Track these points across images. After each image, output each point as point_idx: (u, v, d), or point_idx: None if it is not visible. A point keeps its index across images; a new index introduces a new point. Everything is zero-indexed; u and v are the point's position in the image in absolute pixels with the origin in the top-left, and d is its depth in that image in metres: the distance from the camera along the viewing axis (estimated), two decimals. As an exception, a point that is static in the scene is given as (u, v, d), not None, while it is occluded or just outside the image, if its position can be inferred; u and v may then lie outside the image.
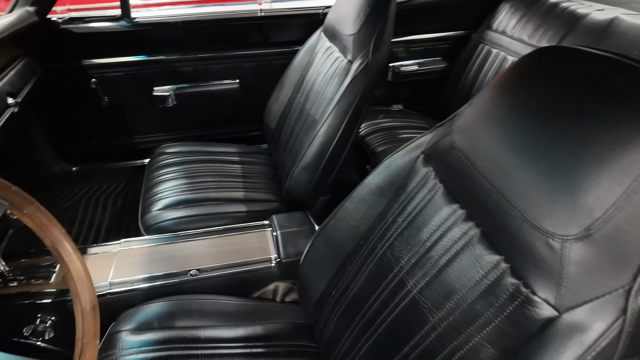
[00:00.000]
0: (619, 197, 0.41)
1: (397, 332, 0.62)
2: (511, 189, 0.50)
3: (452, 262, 0.57)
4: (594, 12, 1.30)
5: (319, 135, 1.16)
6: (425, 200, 0.66)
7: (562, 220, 0.44)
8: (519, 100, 0.54)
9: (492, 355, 0.49)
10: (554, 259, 0.44)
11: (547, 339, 0.43)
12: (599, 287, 0.42)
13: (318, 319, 0.86)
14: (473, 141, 0.58)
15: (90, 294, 0.65)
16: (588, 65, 0.48)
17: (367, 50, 1.13)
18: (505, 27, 1.56)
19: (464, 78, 1.69)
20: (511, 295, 0.48)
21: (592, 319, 0.41)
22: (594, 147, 0.44)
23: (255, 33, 1.61)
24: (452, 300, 0.55)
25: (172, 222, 1.22)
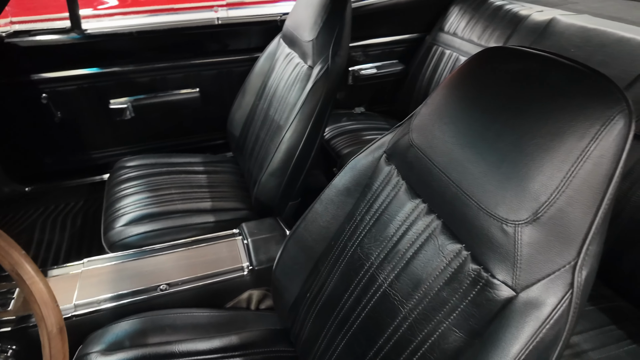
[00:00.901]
0: (560, 182, 0.45)
1: (371, 327, 0.64)
2: (466, 181, 0.53)
3: (417, 254, 0.60)
4: (534, 13, 1.39)
5: (285, 141, 1.17)
6: (389, 197, 0.68)
7: (513, 207, 0.48)
8: (467, 97, 0.58)
9: (459, 339, 0.52)
10: (508, 243, 0.48)
11: (508, 318, 0.47)
12: (549, 265, 0.45)
13: (294, 322, 0.87)
14: (429, 138, 0.61)
15: (56, 316, 0.62)
16: (526, 63, 0.53)
17: (327, 55, 1.15)
18: (456, 29, 1.64)
19: (421, 79, 1.76)
20: (473, 280, 0.51)
21: (545, 295, 0.45)
22: (535, 138, 0.48)
23: (213, 41, 1.60)
24: (420, 290, 0.57)
25: (137, 238, 1.19)
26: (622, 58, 1.09)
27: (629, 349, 0.87)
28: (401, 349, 0.58)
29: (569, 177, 0.45)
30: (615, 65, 1.09)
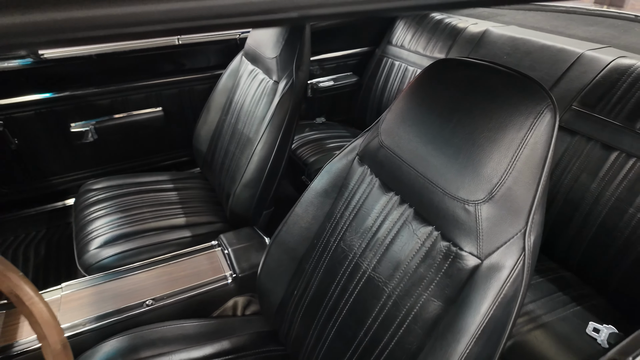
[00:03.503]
0: (507, 166, 0.55)
1: (359, 310, 0.71)
2: (431, 172, 0.63)
3: (395, 239, 0.68)
4: (470, 25, 1.57)
5: (257, 152, 1.23)
6: (365, 193, 0.77)
7: (472, 189, 0.58)
8: (425, 103, 0.68)
9: (438, 306, 0.61)
10: (470, 220, 0.58)
11: (476, 282, 0.56)
12: (505, 234, 0.56)
13: (282, 322, 0.93)
14: (396, 139, 0.70)
15: (59, 333, 0.64)
16: (471, 71, 0.64)
17: (291, 70, 1.23)
18: (403, 42, 1.79)
19: (374, 89, 1.89)
20: (445, 255, 0.61)
21: (504, 259, 0.55)
22: (484, 132, 0.58)
23: (173, 61, 1.63)
24: (400, 270, 0.66)
25: (113, 259, 1.19)
26: (545, 62, 1.27)
27: (574, 311, 1.01)
28: (388, 325, 0.66)
29: (513, 162, 0.55)
30: (540, 69, 1.27)
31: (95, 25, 0.19)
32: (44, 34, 0.18)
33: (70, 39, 0.18)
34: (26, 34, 0.18)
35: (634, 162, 1.01)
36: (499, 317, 0.54)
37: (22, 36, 0.17)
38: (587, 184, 1.08)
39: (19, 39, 0.17)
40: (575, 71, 1.18)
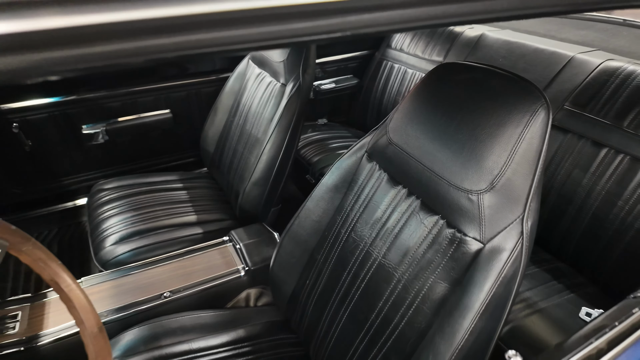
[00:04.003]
0: (506, 159, 0.62)
1: (370, 294, 0.77)
2: (437, 166, 0.69)
3: (403, 228, 0.74)
4: (467, 29, 1.64)
5: (266, 152, 1.29)
6: (374, 187, 0.83)
7: (475, 180, 0.64)
8: (431, 103, 0.74)
9: (445, 288, 0.67)
10: (474, 208, 0.64)
11: (479, 263, 0.62)
12: (505, 220, 0.62)
13: (294, 311, 0.98)
14: (404, 136, 0.76)
15: (95, 317, 0.69)
16: (472, 74, 0.70)
17: (298, 73, 1.29)
18: (402, 45, 1.86)
19: (374, 91, 1.96)
20: (450, 241, 0.67)
21: (504, 242, 0.61)
22: (485, 129, 0.64)
23: (182, 64, 1.68)
24: (409, 256, 0.72)
25: (129, 254, 1.24)
26: (538, 65, 1.34)
27: (568, 298, 1.07)
28: (398, 306, 0.72)
29: (512, 155, 0.61)
30: (534, 71, 1.34)
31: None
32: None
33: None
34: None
35: (622, 158, 1.08)
36: (501, 294, 0.60)
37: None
38: (579, 179, 1.15)
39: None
40: (567, 73, 1.25)
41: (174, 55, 0.25)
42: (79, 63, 0.19)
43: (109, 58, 0.20)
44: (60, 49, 0.18)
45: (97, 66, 0.21)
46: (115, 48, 0.20)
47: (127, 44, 0.20)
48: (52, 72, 0.19)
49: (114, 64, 0.21)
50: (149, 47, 0.22)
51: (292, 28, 0.29)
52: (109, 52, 0.20)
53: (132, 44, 0.21)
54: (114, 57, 0.20)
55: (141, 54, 0.21)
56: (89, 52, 0.19)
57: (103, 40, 0.20)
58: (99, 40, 0.19)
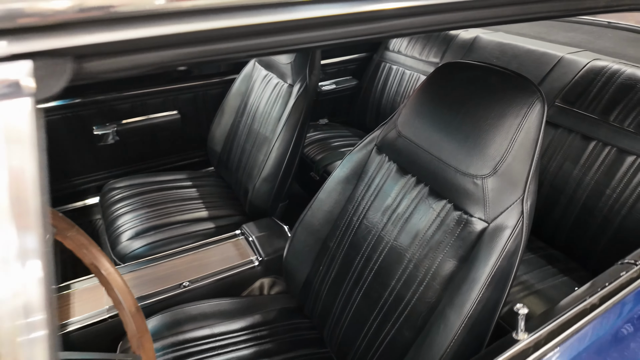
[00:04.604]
0: (507, 147, 0.69)
1: (383, 274, 0.84)
2: (444, 155, 0.76)
3: (413, 213, 0.81)
4: (462, 32, 1.72)
5: (275, 149, 1.35)
6: (384, 177, 0.90)
7: (479, 166, 0.71)
8: (436, 98, 0.82)
9: (453, 264, 0.74)
10: (479, 191, 0.71)
11: (484, 241, 0.70)
12: (507, 201, 0.69)
13: (308, 296, 1.04)
14: (413, 129, 0.84)
15: (132, 298, 0.75)
16: (473, 72, 0.78)
17: (304, 74, 1.36)
18: (399, 47, 1.94)
19: (373, 91, 2.03)
20: (457, 222, 0.74)
21: (506, 221, 0.69)
22: (487, 120, 0.72)
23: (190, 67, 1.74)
24: (419, 238, 0.79)
25: (146, 248, 1.29)
26: (530, 65, 1.43)
27: (562, 280, 1.15)
28: (410, 284, 0.79)
29: (512, 143, 0.69)
30: (526, 71, 1.42)
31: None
32: None
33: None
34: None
35: (609, 150, 1.16)
36: (504, 267, 0.67)
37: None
38: (569, 171, 1.24)
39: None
40: (557, 72, 1.34)
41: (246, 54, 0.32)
42: (206, 57, 0.26)
43: (224, 53, 0.27)
44: (196, 47, 0.24)
45: (214, 60, 0.27)
46: (229, 46, 0.27)
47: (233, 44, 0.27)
48: (185, 63, 0.25)
49: (224, 59, 0.28)
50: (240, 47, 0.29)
51: (315, 35, 0.35)
52: (225, 49, 0.27)
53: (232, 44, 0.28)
54: (225, 52, 0.27)
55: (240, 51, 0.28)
56: (212, 49, 0.26)
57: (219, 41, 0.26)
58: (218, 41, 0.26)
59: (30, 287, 0.23)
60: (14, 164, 0.22)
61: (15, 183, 0.23)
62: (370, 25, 0.37)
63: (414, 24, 0.40)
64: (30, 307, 0.23)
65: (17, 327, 0.22)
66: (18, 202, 0.22)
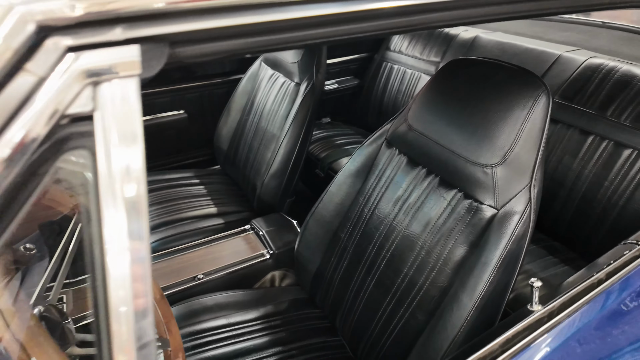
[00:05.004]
0: (515, 137, 0.73)
1: (396, 262, 0.88)
2: (455, 146, 0.80)
3: (425, 203, 0.85)
4: (462, 32, 1.77)
5: (283, 146, 1.39)
6: (395, 170, 0.94)
7: (488, 156, 0.75)
8: (446, 92, 0.86)
9: (464, 250, 0.78)
10: (488, 179, 0.75)
11: (494, 226, 0.74)
12: (515, 188, 0.73)
13: (319, 287, 1.08)
14: (423, 122, 0.88)
15: (157, 286, 0.78)
16: (481, 67, 0.82)
17: (311, 73, 1.40)
18: (400, 47, 1.99)
19: (375, 90, 2.07)
20: (468, 209, 0.78)
21: (515, 207, 0.73)
22: (496, 112, 0.76)
23: (197, 67, 1.77)
24: (430, 226, 0.83)
25: (158, 244, 1.32)
26: (529, 63, 1.47)
27: (563, 269, 1.20)
28: (422, 269, 0.82)
29: (519, 133, 0.73)
30: (525, 69, 1.47)
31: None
32: None
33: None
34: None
35: (606, 144, 1.21)
36: (514, 250, 0.71)
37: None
38: (569, 164, 1.28)
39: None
40: (556, 69, 1.39)
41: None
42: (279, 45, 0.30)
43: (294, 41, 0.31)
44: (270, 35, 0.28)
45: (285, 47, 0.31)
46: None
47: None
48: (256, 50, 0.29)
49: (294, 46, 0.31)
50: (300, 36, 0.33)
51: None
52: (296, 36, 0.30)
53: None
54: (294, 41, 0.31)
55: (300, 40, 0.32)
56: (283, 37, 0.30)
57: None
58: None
59: (139, 261, 0.26)
60: (125, 139, 0.26)
61: (126, 154, 0.26)
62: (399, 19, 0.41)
63: (426, 21, 0.44)
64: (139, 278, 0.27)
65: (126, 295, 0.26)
66: (128, 174, 0.26)
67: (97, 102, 0.24)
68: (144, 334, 0.27)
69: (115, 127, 0.25)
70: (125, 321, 0.26)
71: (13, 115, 0.21)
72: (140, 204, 0.27)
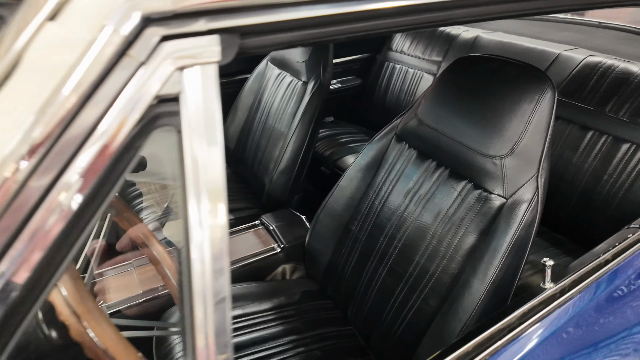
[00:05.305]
0: (523, 129, 0.77)
1: (408, 251, 0.91)
2: (466, 138, 0.84)
3: (435, 194, 0.89)
4: (463, 32, 1.81)
5: (291, 144, 1.42)
6: (405, 163, 0.97)
7: (497, 148, 0.79)
8: (456, 88, 0.90)
9: (474, 238, 0.81)
10: (497, 170, 0.79)
11: (503, 214, 0.77)
12: (523, 178, 0.77)
13: (331, 278, 1.11)
14: (434, 117, 0.91)
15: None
16: (490, 63, 0.86)
17: (318, 72, 1.44)
18: (402, 47, 2.03)
19: (377, 90, 2.12)
20: (478, 199, 0.82)
21: (523, 196, 0.76)
22: (504, 106, 0.80)
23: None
24: (441, 215, 0.86)
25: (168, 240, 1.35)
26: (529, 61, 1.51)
27: (565, 259, 1.24)
28: (434, 257, 0.86)
29: (527, 126, 0.77)
30: (526, 68, 1.51)
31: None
32: None
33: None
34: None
35: (605, 138, 1.26)
36: (523, 236, 0.75)
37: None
38: (569, 159, 1.33)
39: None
40: (555, 68, 1.43)
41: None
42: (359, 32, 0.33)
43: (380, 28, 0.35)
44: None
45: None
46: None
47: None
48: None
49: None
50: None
51: None
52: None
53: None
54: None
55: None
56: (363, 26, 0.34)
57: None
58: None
59: (217, 227, 0.30)
60: (206, 118, 0.29)
61: (207, 131, 0.29)
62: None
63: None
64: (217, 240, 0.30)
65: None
66: (209, 149, 0.29)
67: (183, 85, 0.27)
68: (221, 290, 0.31)
69: (197, 107, 0.28)
70: (204, 278, 0.30)
71: (118, 95, 0.25)
72: (218, 173, 0.30)
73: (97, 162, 0.25)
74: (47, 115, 0.24)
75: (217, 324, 0.32)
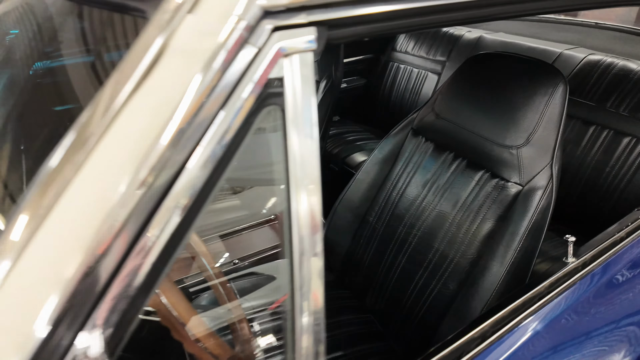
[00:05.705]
0: (537, 120, 0.82)
1: (427, 238, 0.96)
2: (483, 130, 0.89)
3: (453, 184, 0.94)
4: (466, 33, 1.88)
5: (305, 140, 1.47)
6: (422, 156, 1.02)
7: (514, 138, 0.84)
8: (472, 84, 0.95)
9: (493, 224, 0.86)
10: (514, 159, 0.84)
11: (520, 201, 0.82)
12: (538, 166, 0.82)
13: (349, 268, 1.15)
14: (451, 111, 0.97)
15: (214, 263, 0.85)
16: (504, 60, 0.91)
17: (330, 71, 1.49)
18: (407, 48, 2.08)
19: (382, 89, 2.17)
20: (495, 187, 0.87)
21: (539, 183, 0.82)
22: (519, 99, 0.85)
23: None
24: (460, 203, 0.91)
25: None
26: (532, 61, 1.58)
27: (571, 249, 1.30)
28: (453, 243, 0.91)
29: (541, 117, 0.82)
30: (528, 66, 1.58)
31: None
32: None
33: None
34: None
35: (607, 133, 1.32)
36: (539, 220, 0.80)
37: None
38: (573, 152, 1.39)
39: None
40: (557, 66, 1.48)
41: None
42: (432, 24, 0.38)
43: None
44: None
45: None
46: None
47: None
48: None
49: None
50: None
51: None
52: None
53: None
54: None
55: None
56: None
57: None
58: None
59: (313, 192, 0.35)
60: (304, 97, 0.34)
61: (305, 109, 0.34)
62: None
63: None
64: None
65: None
66: (309, 124, 0.34)
67: (286, 70, 0.32)
68: (316, 245, 0.35)
69: (297, 88, 0.33)
70: (302, 235, 0.34)
71: (242, 76, 0.29)
72: (313, 144, 0.35)
73: (224, 135, 0.30)
74: (196, 92, 0.28)
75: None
